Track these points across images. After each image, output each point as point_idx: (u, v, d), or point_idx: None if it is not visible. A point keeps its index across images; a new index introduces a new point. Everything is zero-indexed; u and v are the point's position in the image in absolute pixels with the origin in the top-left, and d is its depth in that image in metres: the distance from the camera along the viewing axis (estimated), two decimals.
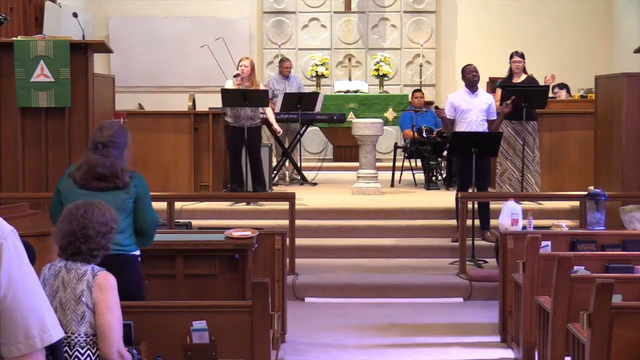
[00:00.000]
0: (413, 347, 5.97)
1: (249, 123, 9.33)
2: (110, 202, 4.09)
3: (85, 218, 3.64)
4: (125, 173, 4.37)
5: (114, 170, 4.33)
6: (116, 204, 4.24)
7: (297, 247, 7.54)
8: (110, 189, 4.32)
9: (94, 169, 4.32)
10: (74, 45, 6.83)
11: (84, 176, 4.33)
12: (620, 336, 3.98)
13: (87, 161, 4.36)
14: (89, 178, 4.32)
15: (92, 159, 4.34)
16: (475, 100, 8.42)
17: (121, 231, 4.28)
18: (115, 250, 4.17)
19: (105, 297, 3.58)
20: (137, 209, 4.40)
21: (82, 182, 4.33)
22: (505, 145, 9.01)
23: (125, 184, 4.34)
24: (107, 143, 4.35)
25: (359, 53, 14.59)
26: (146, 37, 14.23)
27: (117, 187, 4.33)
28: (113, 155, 4.35)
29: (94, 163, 4.32)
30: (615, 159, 7.81)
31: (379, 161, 10.94)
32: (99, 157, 4.33)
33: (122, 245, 4.32)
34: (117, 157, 4.36)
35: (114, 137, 4.38)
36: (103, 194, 4.27)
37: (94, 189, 4.31)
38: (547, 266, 5.14)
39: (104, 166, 4.31)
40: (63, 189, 4.40)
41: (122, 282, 3.94)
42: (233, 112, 9.34)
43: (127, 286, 4.18)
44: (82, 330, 3.55)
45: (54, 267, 3.67)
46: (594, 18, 14.25)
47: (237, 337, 3.98)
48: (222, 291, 5.51)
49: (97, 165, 4.31)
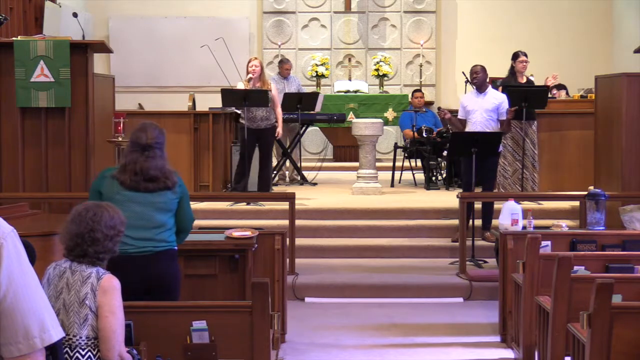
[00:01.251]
0: (413, 347, 5.97)
1: (264, 124, 9.34)
2: (159, 202, 4.39)
3: (94, 221, 3.64)
4: (173, 173, 4.51)
5: (164, 172, 4.46)
6: (164, 204, 4.44)
7: (297, 247, 7.54)
8: (160, 189, 4.45)
9: (146, 171, 4.41)
10: (74, 45, 6.83)
11: (134, 178, 4.41)
12: (620, 336, 3.98)
13: (135, 163, 4.42)
14: (139, 180, 4.41)
15: (142, 161, 4.42)
16: (481, 100, 8.42)
17: (169, 229, 4.49)
18: (164, 246, 4.45)
19: (109, 300, 3.57)
20: (180, 207, 4.55)
21: (132, 184, 4.41)
22: (514, 146, 9.02)
23: (174, 184, 4.49)
24: (153, 144, 4.46)
25: (359, 53, 14.59)
26: (146, 37, 14.22)
27: (166, 188, 4.46)
28: (159, 156, 4.47)
29: (147, 165, 4.42)
30: (615, 159, 7.81)
31: (379, 161, 10.95)
32: (149, 159, 4.42)
33: (168, 241, 4.51)
34: (163, 158, 4.49)
35: (158, 138, 4.50)
36: (152, 194, 4.42)
37: (144, 190, 4.42)
38: (547, 266, 5.14)
39: (155, 168, 4.43)
40: (105, 190, 4.44)
41: (169, 274, 4.42)
42: (248, 114, 9.28)
43: (172, 280, 4.49)
44: (84, 333, 3.55)
45: (59, 267, 3.65)
46: (594, 18, 14.24)
47: (237, 337, 3.98)
48: (222, 291, 5.51)
49: (150, 168, 4.42)
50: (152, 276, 4.38)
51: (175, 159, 9.42)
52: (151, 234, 4.42)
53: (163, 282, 4.44)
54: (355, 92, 13.13)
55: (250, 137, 9.22)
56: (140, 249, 4.39)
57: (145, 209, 4.41)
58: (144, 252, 4.39)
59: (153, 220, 4.43)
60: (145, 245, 4.40)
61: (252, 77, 9.29)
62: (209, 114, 9.76)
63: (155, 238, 4.44)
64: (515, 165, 9.12)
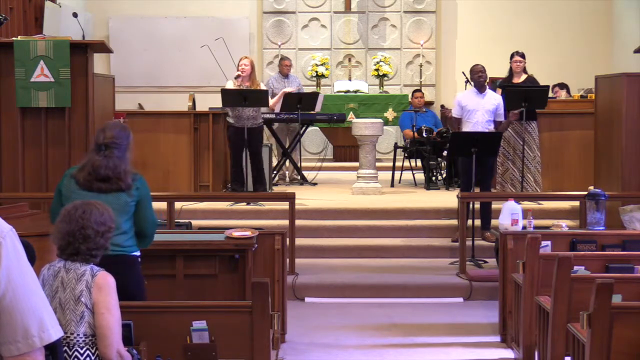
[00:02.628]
0: (413, 347, 5.97)
1: (250, 123, 9.33)
2: (112, 204, 4.11)
3: (83, 218, 3.64)
4: (129, 175, 4.36)
5: (117, 172, 4.32)
6: (118, 206, 4.26)
7: (297, 247, 7.54)
8: (113, 190, 4.32)
9: (97, 171, 4.31)
10: (74, 45, 6.83)
11: (87, 177, 4.32)
12: (620, 336, 3.98)
13: (90, 162, 4.35)
14: (92, 179, 4.32)
15: (95, 160, 4.33)
16: (482, 100, 8.41)
17: (123, 232, 4.31)
18: (117, 251, 4.21)
19: (104, 297, 3.58)
20: (138, 211, 4.40)
21: (84, 183, 4.32)
22: (506, 145, 9.02)
23: (128, 186, 4.34)
24: (110, 144, 4.34)
25: (359, 53, 14.59)
26: (146, 37, 14.22)
27: (119, 189, 4.33)
28: (116, 156, 4.34)
29: (98, 164, 4.31)
30: (615, 159, 7.81)
31: (379, 161, 10.95)
32: (102, 158, 4.32)
33: (123, 246, 4.33)
34: (120, 159, 4.35)
35: (117, 138, 4.37)
36: (106, 195, 4.28)
37: (97, 191, 4.30)
38: (547, 266, 5.14)
39: (107, 167, 4.31)
40: (64, 189, 4.39)
41: (123, 282, 3.98)
42: (235, 112, 9.33)
43: (128, 287, 4.21)
44: (82, 331, 3.55)
45: (53, 267, 3.66)
46: (594, 18, 14.24)
47: (237, 337, 3.98)
48: (222, 291, 5.51)
49: (101, 167, 4.30)
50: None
51: (175, 159, 9.50)
52: None
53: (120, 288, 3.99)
54: (355, 92, 13.13)
55: (238, 136, 9.23)
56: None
57: None
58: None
59: None
60: None
61: (240, 75, 9.29)
62: (209, 114, 9.76)
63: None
64: (507, 164, 9.12)
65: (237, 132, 9.27)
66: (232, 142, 9.45)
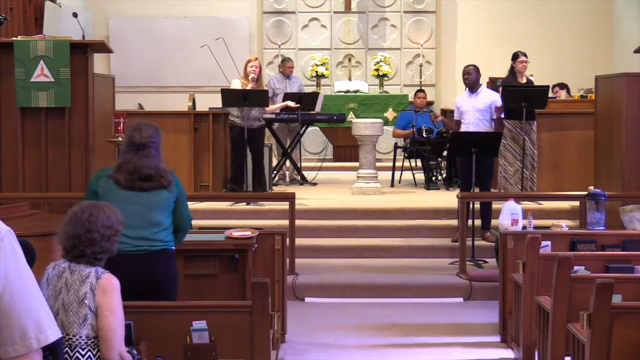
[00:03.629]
0: (413, 347, 5.97)
1: (256, 124, 9.36)
2: (155, 202, 4.36)
3: (90, 222, 3.63)
4: (168, 172, 4.48)
5: (158, 170, 4.43)
6: (160, 203, 4.42)
7: (297, 247, 7.53)
8: (155, 188, 4.42)
9: (140, 170, 4.39)
10: (74, 45, 6.83)
11: (129, 177, 4.40)
12: (620, 336, 3.98)
13: (129, 162, 4.41)
14: (134, 179, 4.40)
15: (136, 160, 4.40)
16: (473, 100, 8.49)
17: (165, 228, 4.47)
18: (160, 245, 4.42)
19: (109, 299, 3.57)
20: (176, 207, 4.52)
21: (126, 183, 4.40)
22: (514, 145, 9.02)
23: (169, 183, 4.46)
24: (148, 143, 4.43)
25: (359, 53, 14.60)
26: (146, 37, 14.22)
27: (162, 187, 4.43)
28: (153, 155, 4.44)
29: (140, 164, 4.40)
30: (615, 159, 7.80)
31: (379, 161, 10.95)
32: (143, 157, 4.40)
33: (165, 241, 4.47)
34: (157, 157, 4.46)
35: (153, 137, 4.47)
36: (148, 193, 4.40)
37: (139, 190, 4.40)
38: (547, 266, 5.14)
39: (149, 167, 4.41)
40: (101, 190, 4.43)
41: (163, 274, 4.38)
42: (241, 112, 9.31)
43: (168, 280, 4.46)
44: (84, 333, 3.54)
45: (58, 267, 3.65)
46: (594, 18, 14.25)
47: (237, 337, 3.98)
48: (222, 291, 5.51)
49: (143, 166, 4.40)
50: (148, 275, 4.36)
51: (175, 159, 9.48)
52: (147, 233, 4.40)
53: (159, 281, 4.42)
54: (355, 92, 13.13)
55: (241, 136, 9.23)
56: (137, 247, 4.37)
57: (141, 208, 4.39)
58: (140, 251, 4.38)
59: (149, 220, 4.41)
60: (141, 244, 4.38)
61: (254, 77, 9.29)
62: (209, 114, 9.76)
63: (151, 237, 4.41)
64: (516, 165, 9.12)
65: (241, 132, 9.26)
66: (235, 142, 9.43)
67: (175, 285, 4.57)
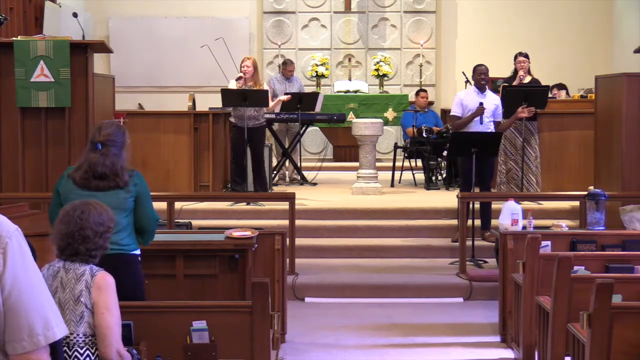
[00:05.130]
0: (413, 347, 5.97)
1: (252, 123, 9.35)
2: (110, 202, 4.14)
3: (82, 219, 3.64)
4: (125, 172, 4.37)
5: (114, 169, 4.33)
6: (116, 203, 4.28)
7: (297, 247, 7.54)
8: (111, 188, 4.32)
9: (94, 168, 4.31)
10: (74, 45, 6.83)
11: (84, 175, 4.32)
12: (620, 336, 3.98)
13: (86, 161, 4.35)
14: (89, 177, 4.32)
15: (92, 158, 4.33)
16: (483, 100, 8.37)
17: (121, 230, 4.30)
18: (116, 249, 4.21)
19: (104, 297, 3.58)
20: (137, 207, 4.40)
21: (82, 182, 4.32)
22: (508, 145, 9.02)
23: (125, 183, 4.34)
24: (106, 142, 4.35)
25: (359, 53, 14.60)
26: (146, 37, 14.22)
27: (117, 186, 4.33)
28: (112, 154, 4.35)
29: (94, 162, 4.31)
30: (615, 159, 7.80)
31: (379, 161, 10.95)
32: (99, 156, 4.33)
33: (122, 244, 4.33)
34: (117, 156, 4.36)
35: (113, 135, 4.38)
36: (104, 193, 4.29)
37: (94, 189, 4.31)
38: (547, 266, 5.14)
39: (104, 165, 4.31)
40: (62, 189, 4.39)
41: (123, 282, 3.99)
42: (236, 112, 9.33)
43: (128, 286, 4.21)
44: (81, 331, 3.55)
45: (52, 267, 3.66)
46: (594, 18, 14.25)
47: (237, 337, 3.98)
48: (222, 291, 5.51)
49: (98, 164, 4.31)
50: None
51: (175, 159, 9.50)
52: None
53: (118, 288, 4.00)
54: (355, 92, 13.13)
55: (239, 136, 9.23)
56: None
57: None
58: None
59: None
60: None
61: (242, 76, 9.29)
62: (209, 114, 9.76)
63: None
64: (510, 164, 9.11)
65: (240, 132, 9.27)
66: (235, 142, 9.45)
67: (139, 291, 4.40)
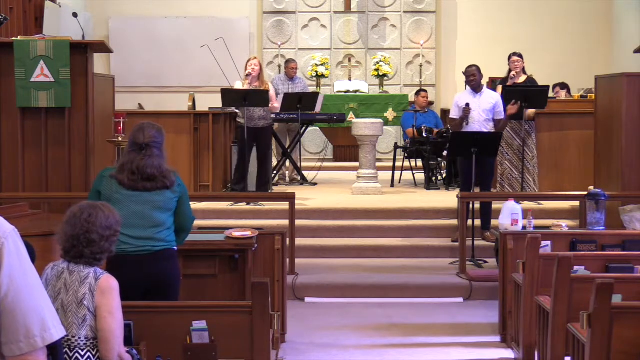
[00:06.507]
0: (413, 347, 5.97)
1: (261, 123, 9.36)
2: (158, 202, 4.38)
3: (89, 222, 3.62)
4: (171, 173, 4.50)
5: (162, 170, 4.45)
6: (164, 203, 4.44)
7: (297, 247, 7.54)
8: (158, 188, 4.44)
9: (143, 170, 4.40)
10: (74, 45, 6.83)
11: (132, 177, 4.41)
12: (620, 336, 3.98)
13: (132, 162, 4.42)
14: (137, 179, 4.41)
15: (139, 160, 4.41)
16: (478, 100, 8.39)
17: (167, 228, 4.48)
18: (162, 245, 4.44)
19: (108, 300, 3.57)
20: (179, 207, 4.54)
21: (130, 183, 4.41)
22: (504, 145, 9.02)
23: (172, 183, 4.48)
24: (151, 143, 4.45)
25: (359, 53, 14.60)
26: (146, 37, 14.23)
27: (165, 187, 4.45)
28: (156, 155, 4.45)
29: (143, 164, 4.41)
30: (615, 159, 7.80)
31: (379, 161, 10.95)
32: (146, 157, 4.42)
33: (167, 240, 4.49)
34: (160, 157, 4.48)
35: (156, 137, 4.49)
36: (151, 193, 4.42)
37: (142, 190, 4.41)
38: (547, 266, 5.14)
39: (152, 167, 4.42)
40: (105, 190, 4.44)
41: (167, 274, 4.41)
42: (246, 113, 9.29)
43: (171, 280, 4.48)
44: (83, 334, 3.54)
45: (56, 267, 3.65)
46: (594, 18, 14.25)
47: (237, 337, 3.98)
48: (222, 291, 5.51)
49: (146, 166, 4.41)
50: (151, 275, 4.39)
51: (175, 159, 9.46)
52: (149, 233, 4.42)
53: (161, 281, 4.43)
54: (355, 92, 13.13)
55: (248, 136, 9.23)
56: (139, 248, 4.39)
57: (143, 207, 4.40)
58: (142, 251, 4.40)
59: (151, 219, 4.42)
60: (144, 244, 4.40)
61: (251, 74, 9.28)
62: (209, 114, 9.76)
63: (154, 237, 4.43)
64: (505, 164, 9.11)
65: (248, 132, 9.24)
66: (242, 142, 9.37)
67: (178, 285, 4.58)
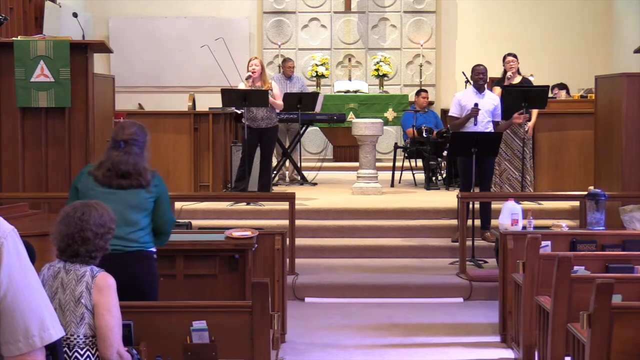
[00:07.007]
0: (413, 347, 5.97)
1: (265, 124, 9.35)
2: (131, 201, 4.25)
3: (82, 220, 3.63)
4: (148, 172, 4.40)
5: (137, 168, 4.35)
6: (137, 203, 4.33)
7: (297, 247, 7.54)
8: (133, 187, 4.35)
9: (117, 167, 4.33)
10: (74, 45, 6.83)
11: (107, 174, 4.34)
12: (620, 336, 3.98)
13: (109, 159, 4.36)
14: (112, 176, 4.34)
15: (115, 156, 4.35)
16: (482, 100, 8.37)
17: (141, 229, 4.36)
18: (135, 246, 4.31)
19: (105, 298, 3.57)
20: (156, 208, 4.43)
21: (104, 179, 4.34)
22: (503, 145, 9.01)
23: (147, 182, 4.38)
24: (129, 141, 4.37)
25: (359, 53, 14.60)
26: (146, 37, 14.23)
27: (139, 185, 4.36)
28: (135, 153, 4.37)
29: (118, 160, 4.33)
30: (615, 159, 7.80)
31: (379, 161, 10.95)
32: (122, 154, 4.35)
33: (140, 242, 4.37)
34: (139, 156, 4.39)
35: (136, 135, 4.41)
36: (125, 192, 4.32)
37: (116, 187, 4.33)
38: (547, 266, 5.14)
39: (127, 163, 4.33)
40: (81, 186, 4.39)
41: (140, 278, 4.20)
42: (249, 114, 9.27)
43: (143, 282, 4.32)
44: (81, 332, 3.55)
45: (52, 267, 3.66)
46: (594, 18, 14.25)
47: (237, 337, 3.98)
48: (222, 291, 5.51)
49: (121, 163, 4.33)
50: (123, 276, 4.12)
51: (175, 159, 9.50)
52: (123, 232, 4.26)
53: (135, 283, 4.28)
54: (355, 92, 13.13)
55: (251, 136, 9.22)
56: (111, 247, 4.23)
57: (117, 206, 4.19)
58: (115, 251, 4.15)
59: (125, 219, 4.28)
60: (116, 243, 4.15)
61: (252, 76, 9.28)
62: (209, 114, 9.76)
63: (127, 237, 4.31)
64: (504, 164, 9.11)
65: (253, 132, 9.24)
66: (247, 143, 9.33)
67: (154, 287, 4.45)
